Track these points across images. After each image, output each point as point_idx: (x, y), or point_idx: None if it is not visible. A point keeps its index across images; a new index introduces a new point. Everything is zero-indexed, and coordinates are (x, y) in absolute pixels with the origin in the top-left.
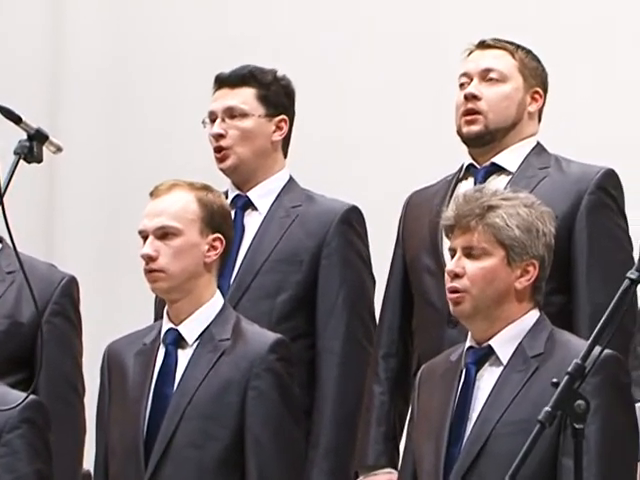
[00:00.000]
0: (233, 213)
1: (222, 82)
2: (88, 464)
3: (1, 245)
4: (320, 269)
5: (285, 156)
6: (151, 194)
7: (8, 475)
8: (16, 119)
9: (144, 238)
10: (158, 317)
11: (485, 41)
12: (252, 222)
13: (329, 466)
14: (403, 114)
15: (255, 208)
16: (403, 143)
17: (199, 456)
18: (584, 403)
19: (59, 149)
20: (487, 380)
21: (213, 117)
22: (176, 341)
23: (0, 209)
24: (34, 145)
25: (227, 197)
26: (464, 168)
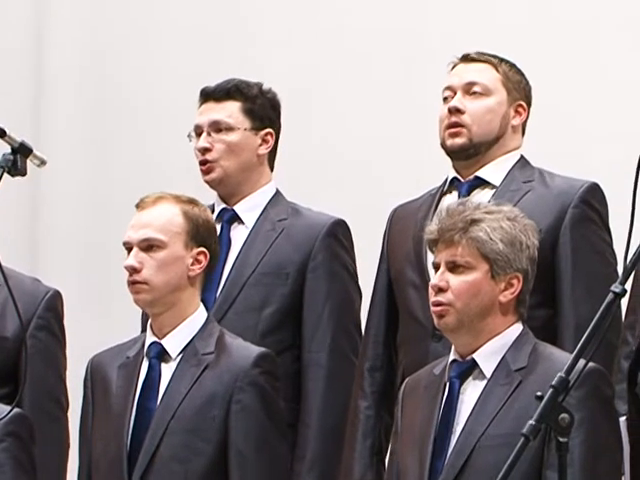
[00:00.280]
0: (219, 227)
1: (207, 96)
2: (71, 478)
3: None
4: (306, 282)
5: (271, 169)
6: (137, 206)
7: None
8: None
9: (128, 250)
10: (144, 330)
11: (469, 55)
12: (238, 236)
13: (314, 478)
14: (388, 128)
15: (241, 222)
16: (388, 157)
17: (183, 470)
18: (568, 416)
19: (43, 162)
20: (471, 394)
21: (199, 131)
22: (159, 355)
23: None
24: (18, 158)
25: (213, 211)
26: (448, 182)
